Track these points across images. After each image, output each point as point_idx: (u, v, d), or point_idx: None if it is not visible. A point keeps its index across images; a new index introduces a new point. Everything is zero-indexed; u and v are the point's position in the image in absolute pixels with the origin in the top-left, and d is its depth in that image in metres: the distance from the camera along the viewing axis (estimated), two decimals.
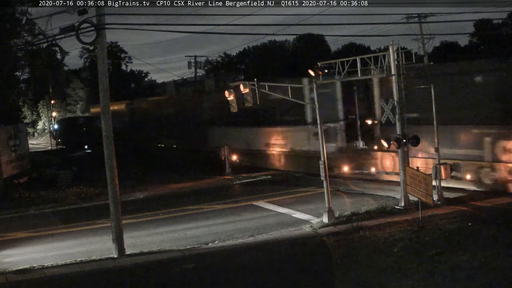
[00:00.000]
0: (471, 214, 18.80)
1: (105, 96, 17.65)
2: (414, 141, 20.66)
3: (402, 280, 12.99)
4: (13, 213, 25.56)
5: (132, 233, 19.59)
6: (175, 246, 18.04)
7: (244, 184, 30.31)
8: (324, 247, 16.72)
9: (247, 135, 36.24)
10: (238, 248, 17.32)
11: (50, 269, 16.14)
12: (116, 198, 17.63)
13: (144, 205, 25.98)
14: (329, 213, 19.45)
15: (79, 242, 19.64)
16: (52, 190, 29.54)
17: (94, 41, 17.22)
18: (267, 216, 21.64)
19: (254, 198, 25.22)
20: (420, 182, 17.68)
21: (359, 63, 21.47)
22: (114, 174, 17.61)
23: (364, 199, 23.03)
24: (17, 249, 19.12)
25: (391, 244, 15.88)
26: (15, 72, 32.75)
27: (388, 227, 17.92)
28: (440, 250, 14.75)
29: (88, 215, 24.24)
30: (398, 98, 20.73)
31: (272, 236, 18.49)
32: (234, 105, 22.69)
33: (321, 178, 20.00)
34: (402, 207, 20.44)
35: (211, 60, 78.39)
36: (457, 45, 67.74)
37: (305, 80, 25.51)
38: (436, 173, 20.69)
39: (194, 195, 27.56)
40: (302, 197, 24.97)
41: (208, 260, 16.22)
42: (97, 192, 28.42)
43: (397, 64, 20.63)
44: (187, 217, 22.52)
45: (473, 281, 12.46)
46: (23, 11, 29.04)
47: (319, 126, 20.14)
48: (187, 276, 15.11)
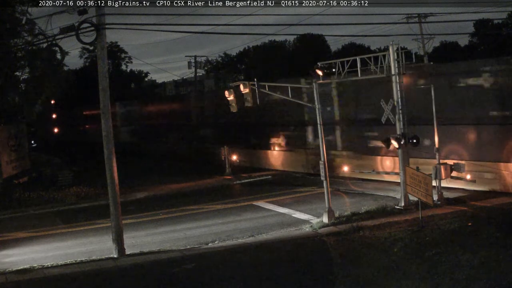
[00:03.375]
0: (471, 214, 18.80)
1: (105, 96, 17.64)
2: (414, 141, 20.66)
3: (402, 280, 12.99)
4: (13, 213, 25.57)
5: (132, 233, 19.60)
6: (175, 246, 18.05)
7: (244, 184, 30.32)
8: (324, 247, 16.73)
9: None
10: (238, 248, 17.32)
11: (50, 269, 16.14)
12: (116, 198, 17.63)
13: (144, 205, 25.99)
14: (329, 213, 19.46)
15: (79, 242, 19.64)
16: (52, 190, 29.56)
17: (94, 41, 17.22)
18: (267, 216, 21.64)
19: (254, 198, 25.24)
20: (420, 182, 17.69)
21: (359, 63, 21.47)
22: (114, 174, 17.61)
23: (364, 199, 23.04)
24: (17, 249, 19.12)
25: (391, 244, 15.89)
26: (15, 72, 32.71)
27: (388, 227, 17.93)
28: (440, 250, 14.76)
29: (88, 215, 24.25)
30: (398, 98, 20.73)
31: (272, 236, 18.49)
32: (234, 105, 22.69)
33: (321, 178, 20.00)
34: (402, 207, 20.44)
35: (211, 60, 78.32)
36: (457, 45, 67.67)
37: (302, 80, 25.56)
38: (436, 173, 20.69)
39: (194, 195, 27.57)
40: (302, 197, 24.97)
41: (208, 260, 16.22)
42: (97, 192, 28.43)
43: (397, 64, 20.64)
44: (187, 217, 22.52)
45: (473, 281, 12.45)
46: (23, 11, 29.01)
47: (319, 126, 20.13)
48: (187, 276, 15.10)
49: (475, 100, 22.79)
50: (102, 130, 17.71)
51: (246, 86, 21.39)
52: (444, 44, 67.58)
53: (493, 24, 61.49)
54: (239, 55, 77.78)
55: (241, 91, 21.58)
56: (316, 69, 20.68)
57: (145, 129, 52.07)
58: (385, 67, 20.90)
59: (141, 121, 53.61)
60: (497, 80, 22.10)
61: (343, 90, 28.69)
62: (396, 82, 20.68)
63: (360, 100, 28.00)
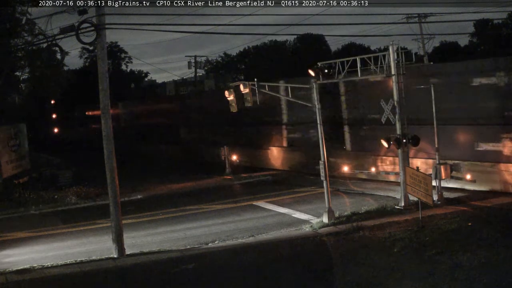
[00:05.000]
0: (471, 214, 18.80)
1: (105, 96, 17.63)
2: (414, 141, 20.65)
3: (402, 280, 12.99)
4: (13, 213, 25.55)
5: (132, 233, 19.59)
6: (175, 246, 18.04)
7: (244, 184, 30.32)
8: (324, 247, 16.72)
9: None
10: (238, 248, 17.31)
11: (50, 269, 16.13)
12: (116, 198, 17.62)
13: (144, 205, 25.98)
14: (329, 213, 19.46)
15: (79, 242, 19.64)
16: (52, 190, 29.55)
17: (94, 41, 17.21)
18: (267, 216, 21.64)
19: (254, 198, 25.23)
20: (420, 182, 17.68)
21: (359, 63, 21.47)
22: (114, 174, 17.60)
23: (364, 199, 23.04)
24: (17, 249, 19.12)
25: (391, 244, 15.89)
26: (15, 72, 32.73)
27: (388, 227, 17.93)
28: (440, 250, 14.76)
29: (88, 215, 24.24)
30: (398, 98, 20.73)
31: (272, 236, 18.49)
32: (234, 105, 22.70)
33: (321, 178, 20.00)
34: (402, 207, 20.44)
35: (211, 60, 78.37)
36: (457, 45, 67.64)
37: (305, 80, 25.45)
38: (436, 173, 20.69)
39: (194, 195, 27.56)
40: (302, 197, 24.97)
41: (208, 260, 16.21)
42: (97, 192, 28.42)
43: (397, 64, 20.63)
44: (187, 217, 22.52)
45: (473, 281, 12.46)
46: (23, 11, 29.03)
47: (319, 126, 20.12)
48: (187, 276, 15.11)
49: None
50: (102, 130, 17.69)
51: (246, 86, 21.40)
52: (444, 44, 67.57)
53: (493, 24, 61.51)
54: (239, 55, 77.82)
55: (241, 91, 21.60)
56: (314, 70, 20.64)
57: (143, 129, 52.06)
58: (385, 67, 20.90)
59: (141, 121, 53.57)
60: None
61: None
62: (396, 82, 20.68)
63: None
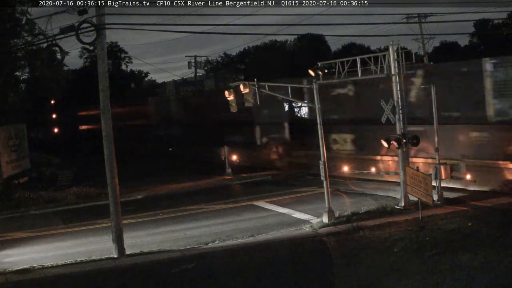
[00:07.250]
0: (471, 214, 18.79)
1: (105, 96, 17.63)
2: (414, 141, 20.64)
3: (402, 280, 12.99)
4: (13, 213, 25.54)
5: (132, 233, 19.59)
6: (175, 246, 18.04)
7: (244, 184, 30.31)
8: (324, 247, 16.72)
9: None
10: (238, 248, 17.31)
11: (50, 269, 16.13)
12: (116, 198, 17.62)
13: (144, 205, 25.98)
14: (329, 213, 19.45)
15: (79, 242, 19.63)
16: (52, 190, 29.55)
17: (94, 41, 17.21)
18: (267, 216, 21.63)
19: (254, 198, 25.22)
20: (420, 182, 17.68)
21: (359, 63, 21.45)
22: (114, 174, 17.60)
23: (364, 199, 23.03)
24: (17, 249, 19.11)
25: (391, 244, 15.88)
26: (15, 72, 32.69)
27: (388, 227, 17.92)
28: (440, 250, 14.75)
29: (88, 215, 24.24)
30: (398, 98, 20.73)
31: (272, 236, 18.48)
32: (234, 105, 22.69)
33: (321, 178, 20.00)
34: (402, 207, 20.43)
35: (211, 60, 78.33)
36: (457, 45, 67.65)
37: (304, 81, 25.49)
38: (436, 173, 20.69)
39: (194, 195, 27.56)
40: (302, 197, 24.97)
41: (208, 260, 16.21)
42: (97, 192, 28.41)
43: (397, 63, 20.63)
44: (187, 217, 22.51)
45: (473, 281, 12.45)
46: (23, 11, 28.99)
47: (319, 126, 20.12)
48: (187, 276, 15.09)
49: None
50: (102, 130, 17.68)
51: (246, 86, 21.39)
52: (444, 44, 67.59)
53: (493, 24, 61.52)
54: (239, 55, 77.78)
55: (241, 91, 21.60)
56: (314, 70, 20.63)
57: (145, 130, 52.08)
58: (385, 67, 20.88)
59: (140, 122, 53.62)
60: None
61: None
62: (396, 82, 20.67)
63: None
